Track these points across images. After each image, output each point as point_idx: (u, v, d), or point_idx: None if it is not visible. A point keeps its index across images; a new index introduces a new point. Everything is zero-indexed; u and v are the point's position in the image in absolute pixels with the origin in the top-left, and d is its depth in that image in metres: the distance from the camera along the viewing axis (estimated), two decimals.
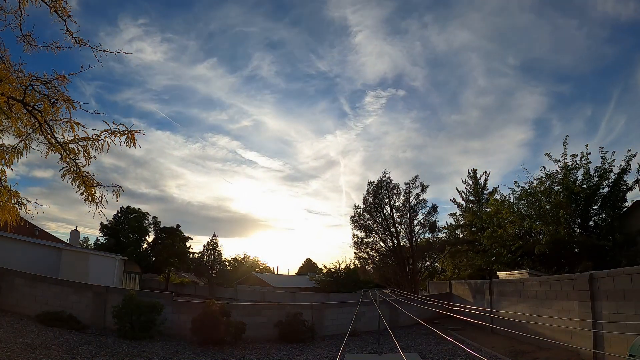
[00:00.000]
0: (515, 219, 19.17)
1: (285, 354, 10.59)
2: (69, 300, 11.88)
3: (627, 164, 15.79)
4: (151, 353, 9.29)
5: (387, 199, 23.71)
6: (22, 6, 4.19)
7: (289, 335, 12.26)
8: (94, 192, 4.64)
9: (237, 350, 10.54)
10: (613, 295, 7.98)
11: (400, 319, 15.68)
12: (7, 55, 4.22)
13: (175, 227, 43.78)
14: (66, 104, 4.29)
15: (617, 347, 7.52)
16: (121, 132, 4.32)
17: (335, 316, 14.47)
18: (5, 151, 4.44)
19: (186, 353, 9.77)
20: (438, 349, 11.04)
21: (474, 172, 26.22)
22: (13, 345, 8.00)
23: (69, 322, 10.78)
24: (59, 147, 4.40)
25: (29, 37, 4.37)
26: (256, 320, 12.73)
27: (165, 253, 41.17)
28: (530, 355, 9.62)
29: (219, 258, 46.82)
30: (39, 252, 17.75)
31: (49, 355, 7.75)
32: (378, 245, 24.25)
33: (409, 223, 23.24)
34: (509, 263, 19.48)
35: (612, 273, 8.19)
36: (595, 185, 16.25)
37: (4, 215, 4.62)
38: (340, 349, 10.68)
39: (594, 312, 8.49)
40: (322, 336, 13.28)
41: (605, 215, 16.73)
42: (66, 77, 4.31)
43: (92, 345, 9.25)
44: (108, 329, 11.22)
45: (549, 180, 17.53)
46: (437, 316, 16.15)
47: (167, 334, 11.36)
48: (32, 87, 4.25)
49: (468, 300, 16.29)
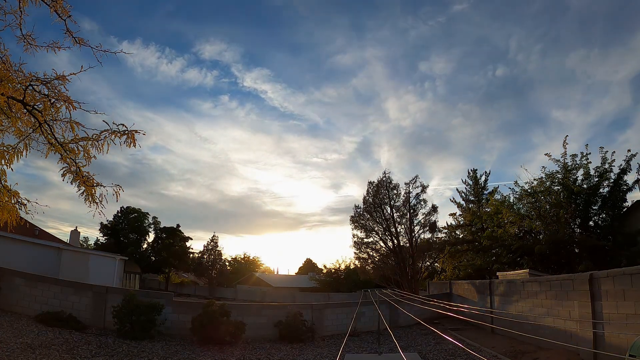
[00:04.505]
0: (515, 219, 19.20)
1: (285, 354, 10.59)
2: (69, 300, 11.88)
3: (627, 164, 15.81)
4: (151, 353, 9.29)
5: (387, 199, 23.72)
6: (22, 6, 4.19)
7: (288, 335, 12.27)
8: (94, 192, 4.64)
9: (237, 350, 10.53)
10: (613, 295, 7.98)
11: (400, 319, 15.69)
12: (7, 55, 4.21)
13: (175, 227, 43.82)
14: (66, 104, 4.29)
15: (617, 347, 7.52)
16: (121, 132, 4.32)
17: (335, 316, 14.47)
18: (5, 151, 4.43)
19: (186, 353, 9.77)
20: (438, 349, 11.03)
21: (474, 172, 26.25)
22: (13, 345, 8.00)
23: (68, 322, 10.77)
24: (59, 147, 4.40)
25: (29, 37, 4.37)
26: (256, 320, 12.74)
27: (165, 253, 41.20)
28: (530, 355, 9.62)
29: (219, 258, 46.90)
30: (39, 252, 17.74)
31: (49, 355, 7.75)
32: (378, 245, 24.27)
33: (409, 223, 23.25)
34: (509, 263, 19.51)
35: (612, 273, 8.18)
36: (595, 185, 16.25)
37: (4, 215, 4.61)
38: (340, 349, 10.69)
39: (594, 312, 8.48)
40: (322, 336, 13.28)
41: (605, 215, 16.75)
42: (66, 77, 4.31)
43: (92, 345, 9.25)
44: (108, 329, 11.22)
45: (549, 180, 17.54)
46: (437, 316, 16.14)
47: (167, 334, 11.36)
48: (32, 87, 4.24)
49: (468, 300, 16.29)
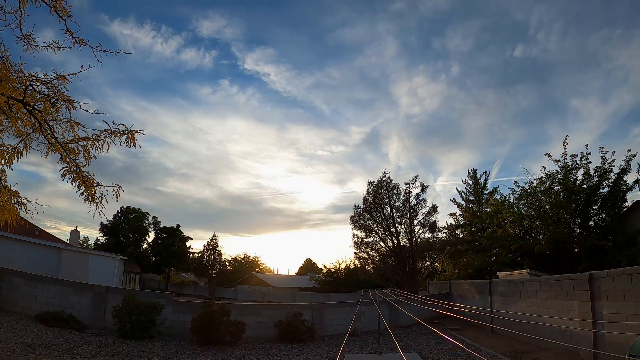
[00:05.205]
0: (515, 219, 19.21)
1: (285, 354, 10.59)
2: (68, 300, 11.89)
3: (627, 164, 15.81)
4: (151, 353, 9.29)
5: (387, 199, 23.73)
6: (22, 6, 4.19)
7: (288, 335, 12.27)
8: (94, 192, 4.64)
9: (237, 350, 10.53)
10: (613, 295, 7.98)
11: (400, 319, 15.69)
12: (7, 55, 4.21)
13: (175, 227, 43.80)
14: (66, 104, 4.28)
15: (617, 347, 7.51)
16: (121, 132, 4.31)
17: (335, 316, 14.48)
18: (5, 151, 4.43)
19: (186, 353, 9.77)
20: (438, 349, 11.03)
21: (474, 172, 26.24)
22: (13, 345, 8.00)
23: (68, 322, 10.78)
24: (59, 147, 4.39)
25: (29, 37, 4.37)
26: (256, 320, 12.74)
27: (165, 253, 41.19)
28: (530, 355, 9.61)
29: (219, 258, 46.89)
30: (39, 252, 17.75)
31: (49, 355, 7.75)
32: (378, 245, 24.30)
33: (409, 223, 23.26)
34: (509, 263, 19.51)
35: (612, 273, 8.18)
36: (595, 185, 16.25)
37: (4, 215, 4.61)
38: (340, 349, 10.69)
39: (594, 312, 8.48)
40: (322, 336, 13.28)
41: (605, 215, 16.75)
42: (66, 77, 4.30)
43: (92, 345, 9.24)
44: (108, 329, 11.23)
45: (549, 180, 17.55)
46: (437, 316, 16.14)
47: (167, 334, 11.36)
48: (32, 87, 4.24)
49: (468, 300, 16.29)
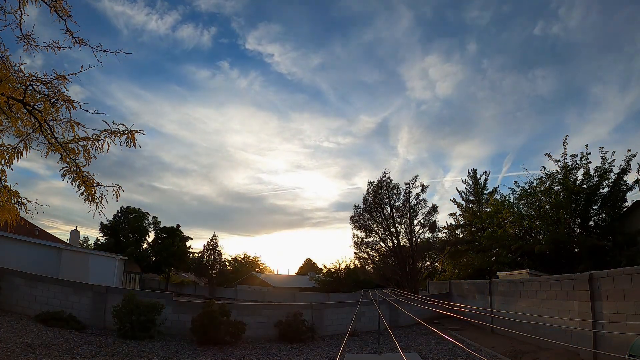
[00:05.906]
0: (515, 219, 19.21)
1: (285, 354, 10.59)
2: (68, 300, 11.88)
3: (627, 164, 15.81)
4: (151, 353, 9.29)
5: (387, 199, 23.74)
6: (22, 6, 4.19)
7: (289, 335, 12.27)
8: (94, 192, 4.64)
9: (237, 350, 10.53)
10: (613, 295, 7.98)
11: (400, 319, 15.69)
12: (7, 55, 4.21)
13: (175, 227, 43.81)
14: (66, 104, 4.28)
15: (617, 347, 7.51)
16: (121, 132, 4.31)
17: (335, 316, 14.48)
18: (5, 151, 4.43)
19: (186, 353, 9.77)
20: (438, 349, 11.02)
21: (474, 172, 26.24)
22: (13, 345, 8.00)
23: (68, 322, 10.78)
24: (59, 147, 4.39)
25: (29, 37, 4.37)
26: (256, 320, 12.74)
27: (165, 253, 41.19)
28: (530, 355, 9.61)
29: (219, 258, 46.89)
30: (39, 252, 17.76)
31: (49, 355, 7.75)
32: (378, 245, 24.32)
33: (409, 223, 23.28)
34: (509, 263, 19.51)
35: (612, 273, 8.18)
36: (595, 185, 16.25)
37: (4, 215, 4.61)
38: (340, 349, 10.68)
39: (594, 312, 8.48)
40: (322, 336, 13.28)
41: (605, 215, 16.75)
42: (66, 77, 4.30)
43: (92, 345, 9.24)
44: (108, 329, 11.23)
45: (549, 180, 17.55)
46: (437, 316, 16.15)
47: (167, 334, 11.36)
48: (32, 87, 4.24)
49: (468, 300, 16.29)
